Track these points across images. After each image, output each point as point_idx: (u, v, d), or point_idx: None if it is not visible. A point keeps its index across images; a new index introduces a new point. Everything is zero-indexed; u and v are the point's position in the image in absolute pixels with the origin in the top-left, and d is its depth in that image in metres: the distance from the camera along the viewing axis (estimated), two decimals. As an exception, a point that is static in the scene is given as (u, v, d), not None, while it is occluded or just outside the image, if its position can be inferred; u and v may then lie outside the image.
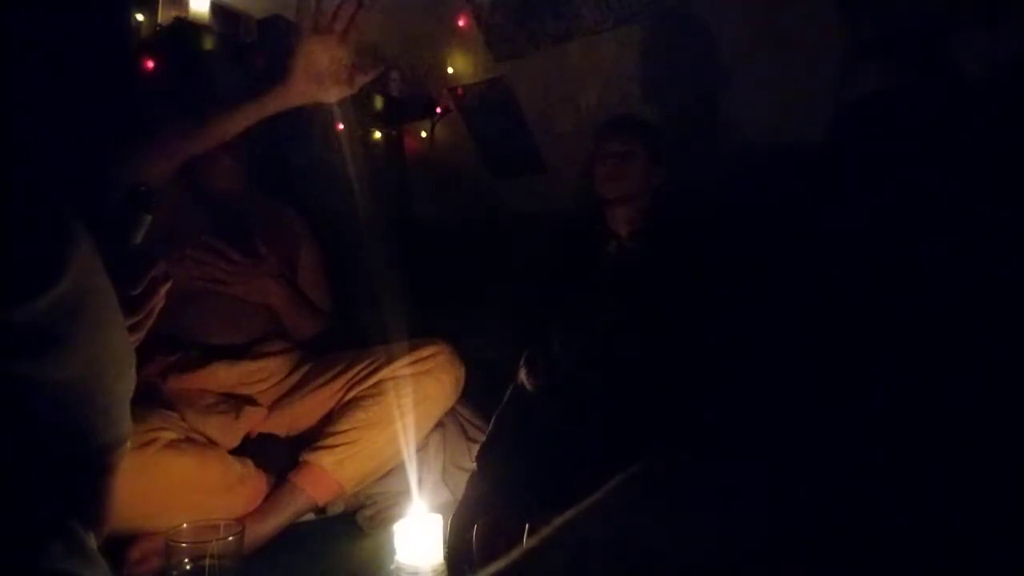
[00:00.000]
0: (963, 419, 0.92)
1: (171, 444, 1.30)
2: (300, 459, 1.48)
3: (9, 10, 1.09)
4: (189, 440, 1.36)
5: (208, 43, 1.83)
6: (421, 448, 1.62)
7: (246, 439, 1.52)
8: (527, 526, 1.11)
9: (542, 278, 1.77)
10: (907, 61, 1.21)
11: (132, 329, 0.80)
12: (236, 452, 1.46)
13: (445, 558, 1.19)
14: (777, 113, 1.89)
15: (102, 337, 0.62)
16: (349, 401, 1.57)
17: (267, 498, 1.44)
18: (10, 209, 0.55)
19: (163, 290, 0.85)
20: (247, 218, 1.67)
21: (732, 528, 0.53)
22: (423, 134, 2.61)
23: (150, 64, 1.74)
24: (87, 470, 0.67)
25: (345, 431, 1.50)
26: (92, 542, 0.65)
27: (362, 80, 1.34)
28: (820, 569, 0.49)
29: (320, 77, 1.30)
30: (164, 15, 1.81)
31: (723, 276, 1.40)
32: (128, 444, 0.72)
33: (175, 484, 1.30)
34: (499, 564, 0.46)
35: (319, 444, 1.49)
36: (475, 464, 1.45)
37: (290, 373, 1.64)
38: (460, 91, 2.46)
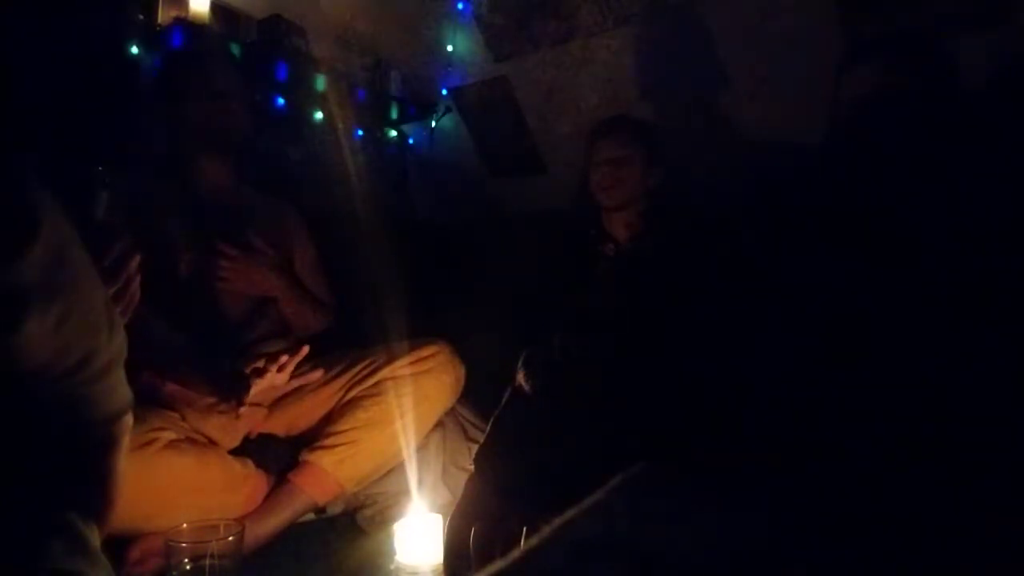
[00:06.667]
0: (964, 418, 0.92)
1: (171, 444, 1.30)
2: (300, 459, 1.48)
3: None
4: (189, 440, 1.36)
5: (207, 43, 1.83)
6: (421, 448, 1.62)
7: (246, 439, 1.52)
8: (525, 527, 1.11)
9: (542, 279, 1.77)
10: (907, 61, 1.21)
11: (116, 299, 0.82)
12: (236, 452, 1.46)
13: (443, 559, 1.20)
14: (776, 113, 1.89)
15: (84, 295, 0.64)
16: (349, 401, 1.57)
17: (267, 498, 1.43)
18: None
19: (134, 263, 0.86)
20: (239, 213, 1.66)
21: (732, 529, 0.53)
22: (423, 134, 2.62)
23: (148, 64, 1.74)
24: (89, 443, 0.67)
25: (345, 431, 1.50)
26: (95, 539, 0.65)
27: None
28: (820, 570, 0.49)
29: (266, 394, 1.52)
30: (164, 15, 1.81)
31: (722, 277, 1.40)
32: (130, 416, 0.72)
33: (175, 484, 1.30)
34: (498, 565, 0.46)
35: (319, 444, 1.49)
36: (473, 465, 1.45)
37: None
38: (460, 91, 2.46)
